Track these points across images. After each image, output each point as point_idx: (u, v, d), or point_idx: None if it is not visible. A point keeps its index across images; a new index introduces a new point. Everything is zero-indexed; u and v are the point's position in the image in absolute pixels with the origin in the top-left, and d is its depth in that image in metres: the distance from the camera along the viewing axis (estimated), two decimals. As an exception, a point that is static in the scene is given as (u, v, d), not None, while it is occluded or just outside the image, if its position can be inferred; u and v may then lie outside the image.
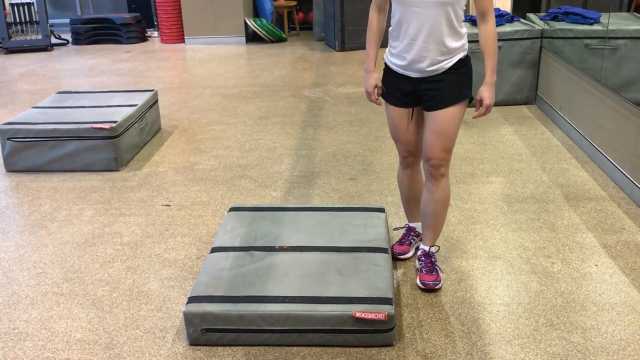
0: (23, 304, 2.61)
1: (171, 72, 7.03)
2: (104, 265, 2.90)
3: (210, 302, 2.29)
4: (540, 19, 5.38)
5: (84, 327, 2.44)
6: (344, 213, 2.94)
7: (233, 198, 3.59)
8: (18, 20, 8.67)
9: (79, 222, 3.35)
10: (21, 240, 3.16)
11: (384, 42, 2.56)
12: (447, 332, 2.37)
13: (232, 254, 2.60)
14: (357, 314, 2.21)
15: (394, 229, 3.09)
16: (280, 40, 8.71)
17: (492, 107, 2.45)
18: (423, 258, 2.69)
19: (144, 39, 9.14)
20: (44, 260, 2.96)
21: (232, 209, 3.02)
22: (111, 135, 3.97)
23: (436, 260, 2.71)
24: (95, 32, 8.96)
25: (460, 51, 2.40)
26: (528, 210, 3.34)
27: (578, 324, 2.39)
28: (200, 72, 6.98)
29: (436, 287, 2.61)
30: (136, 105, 4.39)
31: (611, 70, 4.44)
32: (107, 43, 8.99)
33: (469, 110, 5.03)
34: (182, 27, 8.73)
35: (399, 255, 2.86)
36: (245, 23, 8.61)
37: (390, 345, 2.28)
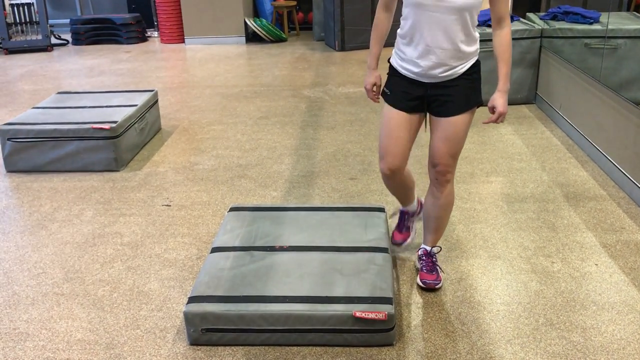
0: (23, 304, 2.61)
1: (171, 72, 7.03)
2: (105, 266, 2.90)
3: (210, 302, 2.29)
4: (540, 19, 5.38)
5: (84, 327, 2.45)
6: (344, 213, 2.95)
7: (233, 198, 3.60)
8: (18, 20, 8.67)
9: (79, 222, 3.35)
10: (21, 241, 3.16)
11: (389, 41, 2.47)
12: (447, 331, 2.37)
13: (232, 253, 2.60)
14: (358, 314, 2.21)
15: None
16: (280, 40, 8.71)
17: (505, 114, 2.37)
18: (424, 258, 2.69)
19: (144, 39, 9.14)
20: (44, 261, 2.96)
21: (232, 209, 3.02)
22: (111, 136, 3.97)
23: (437, 260, 2.71)
24: (95, 33, 8.96)
25: (473, 56, 2.34)
26: (528, 209, 3.34)
27: (578, 323, 2.40)
28: (200, 72, 6.98)
29: (436, 286, 2.61)
30: (136, 105, 4.39)
31: (611, 70, 4.44)
32: (107, 43, 8.99)
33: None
34: (182, 27, 8.73)
35: (401, 244, 2.85)
36: (245, 23, 8.62)
37: (391, 344, 2.29)
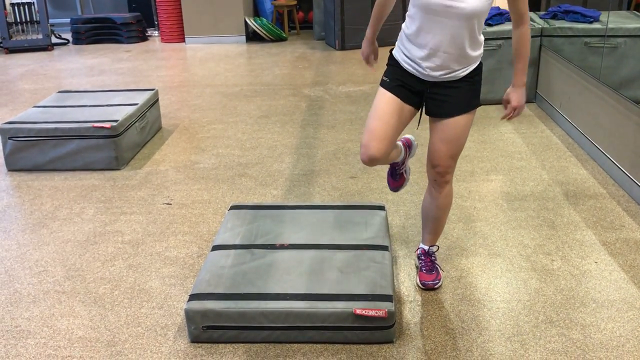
0: (25, 302, 2.62)
1: (171, 71, 7.03)
2: (106, 264, 2.91)
3: (211, 299, 2.30)
4: (540, 18, 5.39)
5: (85, 325, 2.45)
6: (345, 211, 2.95)
7: (234, 196, 3.60)
8: (19, 20, 8.67)
9: (80, 220, 3.36)
10: (23, 239, 3.17)
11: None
12: (447, 329, 2.38)
13: (233, 251, 2.61)
14: (358, 311, 2.22)
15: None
16: (280, 39, 8.71)
17: (521, 109, 2.36)
18: (423, 257, 2.69)
19: (144, 38, 9.14)
20: (45, 259, 2.97)
21: (233, 207, 3.03)
22: (112, 134, 3.98)
23: (436, 258, 2.71)
24: (95, 32, 8.96)
25: (477, 59, 2.32)
26: (528, 208, 3.35)
27: (578, 321, 2.40)
28: (200, 71, 6.99)
29: (436, 286, 2.62)
30: (137, 104, 4.40)
31: (611, 69, 4.45)
32: (108, 42, 8.99)
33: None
34: (183, 27, 8.73)
35: (397, 189, 2.87)
36: (246, 22, 8.62)
37: (391, 342, 2.29)
